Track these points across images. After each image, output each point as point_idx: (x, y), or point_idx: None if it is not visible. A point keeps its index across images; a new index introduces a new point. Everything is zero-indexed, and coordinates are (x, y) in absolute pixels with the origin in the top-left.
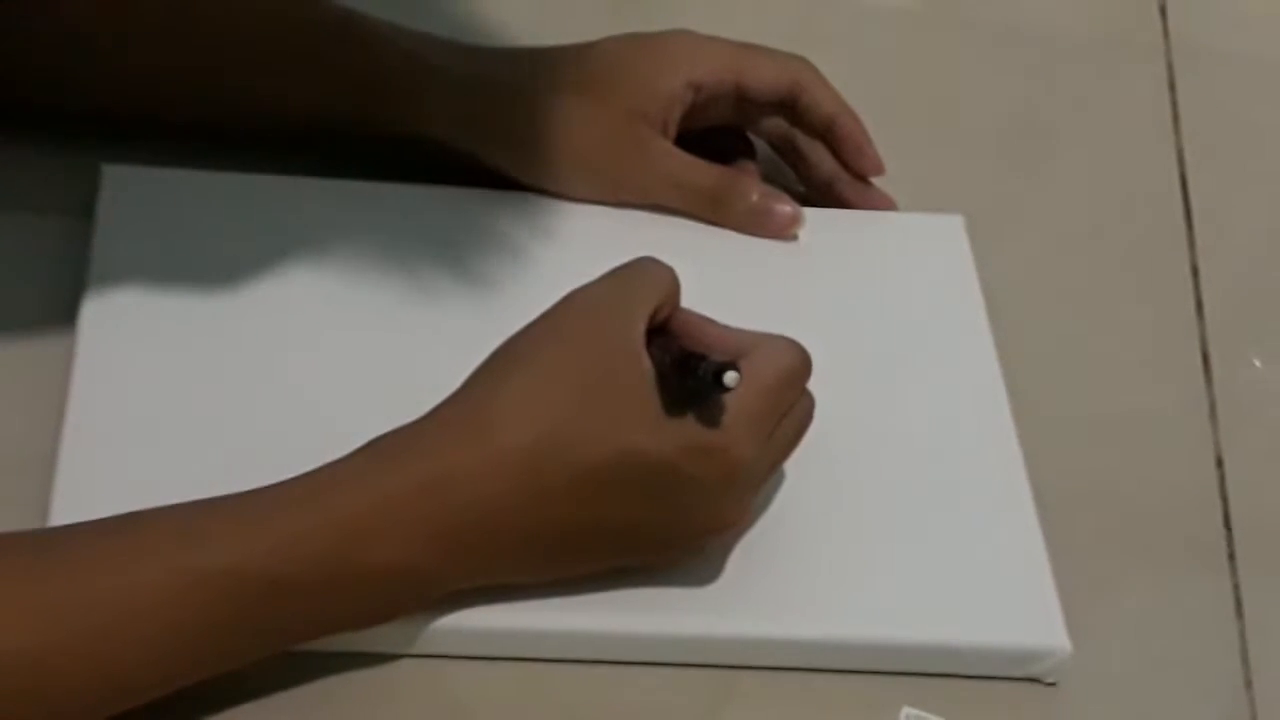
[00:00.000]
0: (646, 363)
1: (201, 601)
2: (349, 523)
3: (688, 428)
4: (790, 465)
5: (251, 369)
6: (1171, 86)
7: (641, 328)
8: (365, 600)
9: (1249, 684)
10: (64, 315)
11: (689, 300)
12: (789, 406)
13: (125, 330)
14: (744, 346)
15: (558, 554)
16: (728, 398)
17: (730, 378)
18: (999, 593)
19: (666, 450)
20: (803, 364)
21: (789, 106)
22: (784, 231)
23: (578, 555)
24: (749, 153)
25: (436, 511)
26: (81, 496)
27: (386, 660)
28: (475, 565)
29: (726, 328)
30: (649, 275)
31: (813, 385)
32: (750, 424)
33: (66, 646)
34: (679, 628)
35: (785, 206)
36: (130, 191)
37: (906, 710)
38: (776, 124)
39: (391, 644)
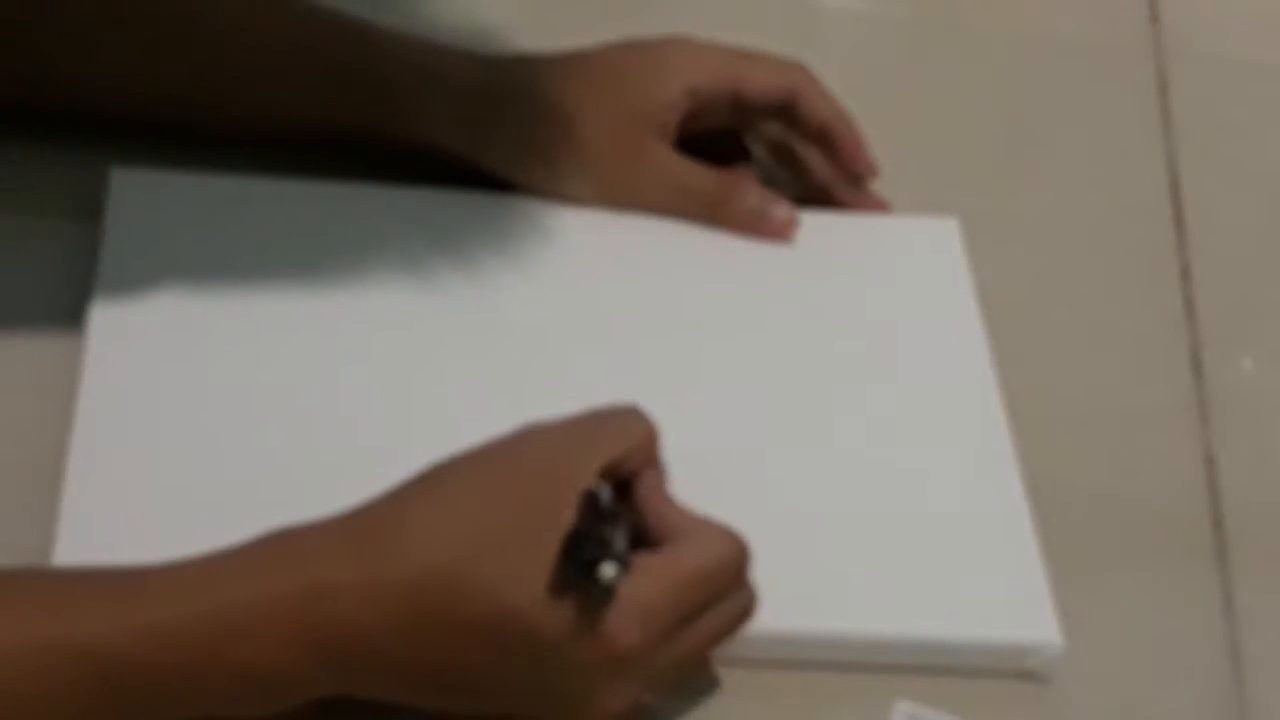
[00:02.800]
0: (566, 524)
1: (67, 676)
2: (222, 617)
3: (573, 608)
4: (786, 464)
5: (261, 373)
6: (1162, 89)
7: (581, 483)
8: (231, 695)
9: (1240, 680)
10: (71, 319)
11: (687, 298)
12: (706, 603)
13: (134, 334)
14: (678, 531)
15: (432, 690)
16: (622, 585)
17: (605, 572)
18: (992, 588)
19: (548, 624)
20: (733, 560)
21: (785, 112)
22: (781, 234)
23: (454, 696)
24: (746, 157)
25: (312, 621)
26: (90, 504)
27: None
28: (347, 680)
29: (675, 506)
30: (616, 426)
31: (812, 385)
32: (646, 615)
33: None
34: None
35: (782, 210)
36: (139, 195)
37: (900, 704)
38: (773, 129)
39: None
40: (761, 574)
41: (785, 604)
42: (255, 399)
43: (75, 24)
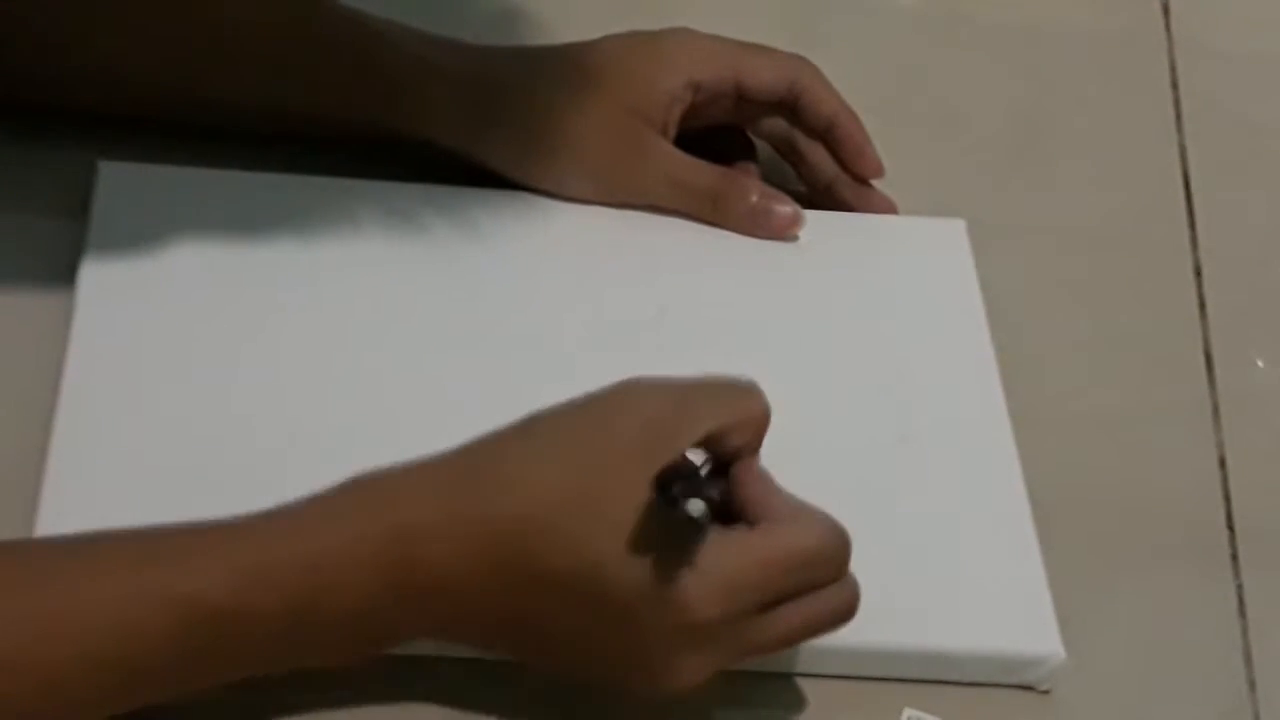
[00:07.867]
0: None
1: (158, 627)
2: (316, 560)
3: (653, 568)
4: (786, 469)
5: (245, 366)
6: (1174, 85)
7: (678, 447)
8: (323, 638)
9: (1252, 685)
10: (59, 313)
11: (688, 297)
12: (797, 588)
13: (118, 327)
14: (775, 513)
15: (517, 642)
16: (711, 558)
17: (694, 507)
18: (993, 599)
19: (625, 584)
20: (830, 549)
21: (789, 107)
22: (784, 232)
23: (538, 651)
24: (749, 153)
25: (398, 563)
26: (71, 495)
27: (385, 660)
28: (435, 626)
29: (776, 490)
30: (726, 396)
31: (813, 388)
32: (729, 589)
33: (14, 663)
34: None
35: (785, 207)
36: (126, 188)
37: (908, 712)
38: (776, 124)
39: None
40: None
41: None
42: (240, 391)
43: (75, 19)
